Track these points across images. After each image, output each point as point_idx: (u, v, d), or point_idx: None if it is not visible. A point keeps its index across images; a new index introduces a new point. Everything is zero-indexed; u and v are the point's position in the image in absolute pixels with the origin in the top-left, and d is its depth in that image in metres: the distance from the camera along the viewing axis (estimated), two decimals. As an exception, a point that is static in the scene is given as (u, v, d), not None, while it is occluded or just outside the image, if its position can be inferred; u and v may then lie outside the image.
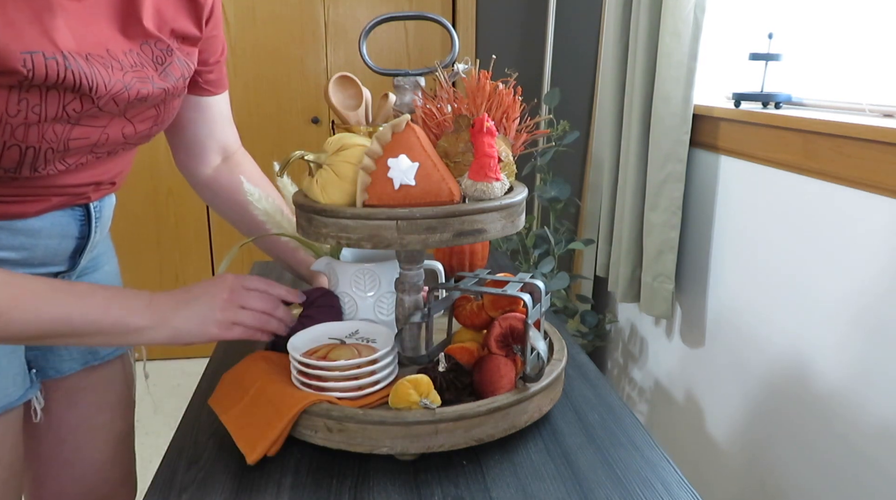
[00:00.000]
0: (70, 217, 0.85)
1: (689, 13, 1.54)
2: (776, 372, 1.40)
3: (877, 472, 1.15)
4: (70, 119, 0.71)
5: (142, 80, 0.76)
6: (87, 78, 0.69)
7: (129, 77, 0.74)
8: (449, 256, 1.06)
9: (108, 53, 0.72)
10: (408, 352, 0.85)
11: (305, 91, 2.66)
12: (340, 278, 0.91)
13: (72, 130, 0.73)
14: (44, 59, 0.65)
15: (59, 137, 0.72)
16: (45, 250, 0.83)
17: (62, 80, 0.67)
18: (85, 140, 0.75)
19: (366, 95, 0.92)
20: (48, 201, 0.80)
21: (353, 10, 2.60)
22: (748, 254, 1.49)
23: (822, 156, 1.24)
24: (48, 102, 0.68)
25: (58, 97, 0.68)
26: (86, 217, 0.87)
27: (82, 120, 0.73)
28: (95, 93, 0.70)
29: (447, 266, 1.05)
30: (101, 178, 0.85)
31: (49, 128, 0.70)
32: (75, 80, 0.68)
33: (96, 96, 0.71)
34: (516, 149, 0.84)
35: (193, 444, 0.79)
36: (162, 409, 2.39)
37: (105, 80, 0.71)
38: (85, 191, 0.84)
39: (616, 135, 1.96)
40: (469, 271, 1.05)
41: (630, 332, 2.14)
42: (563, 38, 2.51)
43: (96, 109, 0.73)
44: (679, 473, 0.74)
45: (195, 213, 2.72)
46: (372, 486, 0.71)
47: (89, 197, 0.86)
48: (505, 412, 0.75)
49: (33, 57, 0.64)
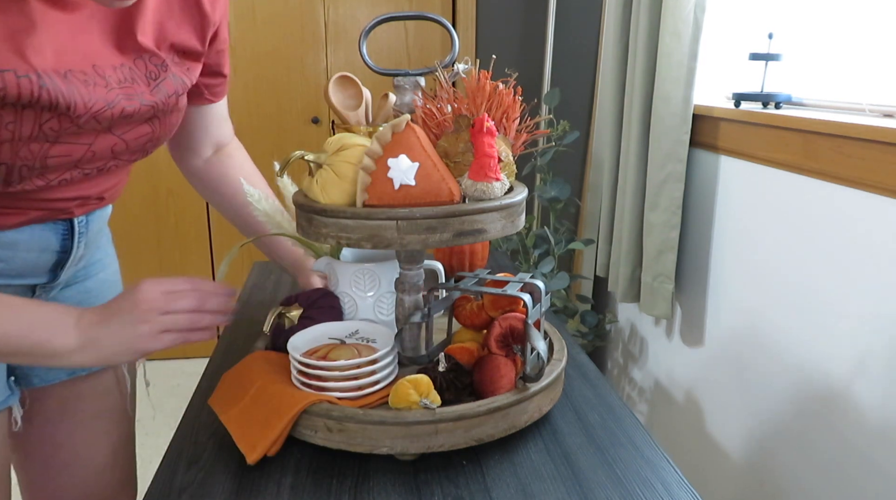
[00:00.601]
0: (51, 231, 0.82)
1: (689, 13, 1.54)
2: (776, 372, 1.40)
3: (877, 472, 1.15)
4: (48, 137, 0.69)
5: (129, 96, 0.73)
6: (63, 97, 0.67)
7: (113, 94, 0.72)
8: (449, 256, 1.06)
9: (93, 69, 0.70)
10: (408, 352, 0.85)
11: (305, 91, 2.66)
12: (340, 278, 0.91)
13: (50, 147, 0.70)
14: (16, 77, 0.63)
15: (35, 154, 0.69)
16: (22, 262, 0.81)
17: (37, 99, 0.65)
18: (66, 158, 0.73)
19: (366, 95, 0.92)
20: (25, 215, 0.78)
21: (353, 11, 2.60)
22: (748, 254, 1.49)
23: (822, 156, 1.24)
24: (24, 120, 0.66)
25: (34, 116, 0.66)
26: (69, 232, 0.84)
27: (62, 138, 0.71)
28: (74, 111, 0.68)
29: (447, 266, 1.05)
30: (88, 193, 0.82)
31: (24, 146, 0.68)
32: (51, 98, 0.66)
33: (75, 115, 0.69)
34: (516, 149, 0.84)
35: (193, 444, 0.79)
36: (162, 409, 2.39)
37: (84, 99, 0.69)
38: (68, 206, 0.81)
39: (616, 135, 1.96)
40: (469, 271, 1.05)
41: (630, 332, 2.14)
42: (563, 38, 2.51)
43: (76, 127, 0.70)
44: (679, 473, 0.74)
45: (195, 213, 2.72)
46: (372, 486, 0.71)
47: (73, 212, 0.83)
48: (505, 412, 0.75)
49: (4, 75, 0.62)
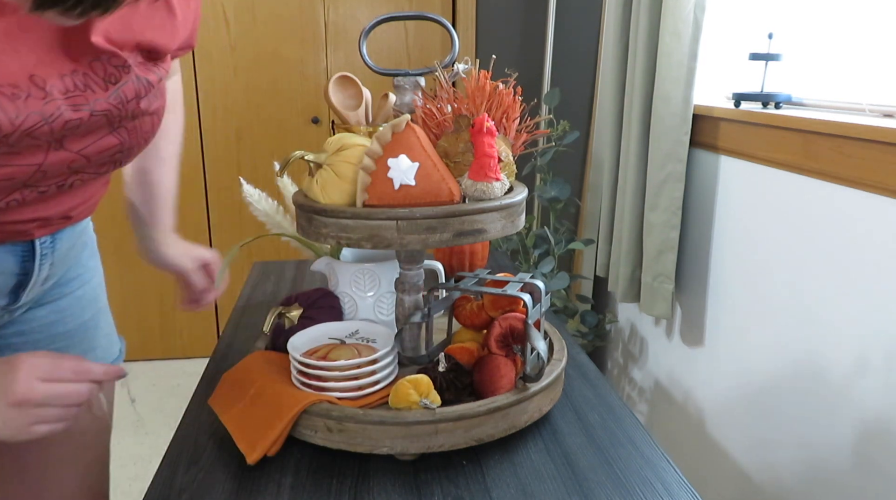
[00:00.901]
0: (9, 253, 0.76)
1: (689, 13, 1.54)
2: (776, 372, 1.40)
3: (877, 472, 1.14)
4: None
5: (75, 106, 0.65)
6: None
7: (53, 106, 0.64)
8: (449, 255, 1.06)
9: (29, 81, 0.62)
10: (408, 352, 0.85)
11: (305, 91, 2.66)
12: (340, 278, 0.91)
13: None
14: None
15: None
16: None
17: None
18: (8, 181, 0.66)
19: (366, 95, 0.92)
20: None
21: (353, 11, 2.60)
22: (748, 254, 1.49)
23: (822, 156, 1.24)
24: None
25: None
26: (29, 253, 0.78)
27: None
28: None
29: (447, 266, 1.05)
30: (48, 214, 0.75)
31: None
32: None
33: (1, 135, 0.61)
34: (516, 149, 0.84)
35: (193, 444, 0.79)
36: (162, 409, 2.39)
37: (10, 116, 0.61)
38: (26, 228, 0.75)
39: (616, 135, 1.96)
40: (469, 271, 1.05)
41: (630, 332, 2.14)
42: (563, 38, 2.51)
43: (7, 146, 0.63)
44: (679, 473, 0.74)
45: (195, 213, 2.72)
46: (372, 486, 0.71)
47: (32, 234, 0.76)
48: (505, 412, 0.75)
49: None
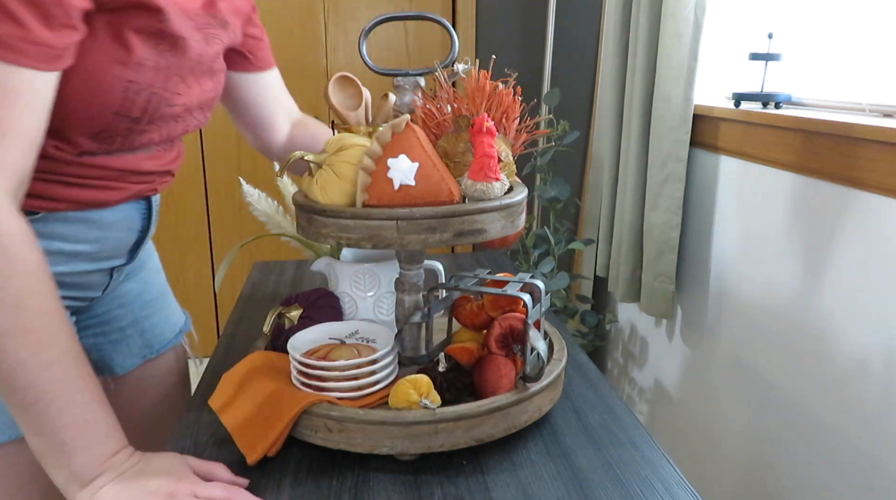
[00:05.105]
0: (136, 210, 0.88)
1: (689, 13, 1.54)
2: (776, 372, 1.40)
3: (877, 471, 1.14)
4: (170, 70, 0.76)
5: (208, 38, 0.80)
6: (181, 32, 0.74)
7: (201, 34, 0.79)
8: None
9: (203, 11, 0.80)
10: (408, 352, 0.85)
11: (305, 91, 2.65)
12: (340, 278, 0.91)
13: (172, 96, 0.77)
14: None
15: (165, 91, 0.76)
16: (113, 243, 0.86)
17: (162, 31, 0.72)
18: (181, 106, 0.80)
19: (366, 95, 0.92)
20: (128, 191, 0.83)
21: (353, 11, 2.60)
22: (748, 254, 1.49)
23: (822, 156, 1.24)
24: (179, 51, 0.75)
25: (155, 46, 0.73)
26: (147, 210, 0.90)
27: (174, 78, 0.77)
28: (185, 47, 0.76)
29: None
30: (169, 166, 0.89)
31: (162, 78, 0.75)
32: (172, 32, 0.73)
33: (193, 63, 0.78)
34: (516, 149, 0.84)
35: (193, 444, 0.79)
36: (162, 409, 2.39)
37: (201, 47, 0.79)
38: (154, 181, 0.87)
39: (616, 135, 1.96)
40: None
41: (630, 332, 2.14)
42: (563, 38, 2.51)
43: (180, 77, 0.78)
44: (679, 473, 0.74)
45: (195, 213, 2.72)
46: (372, 486, 0.71)
47: (155, 189, 0.89)
48: (505, 412, 0.75)
49: None
